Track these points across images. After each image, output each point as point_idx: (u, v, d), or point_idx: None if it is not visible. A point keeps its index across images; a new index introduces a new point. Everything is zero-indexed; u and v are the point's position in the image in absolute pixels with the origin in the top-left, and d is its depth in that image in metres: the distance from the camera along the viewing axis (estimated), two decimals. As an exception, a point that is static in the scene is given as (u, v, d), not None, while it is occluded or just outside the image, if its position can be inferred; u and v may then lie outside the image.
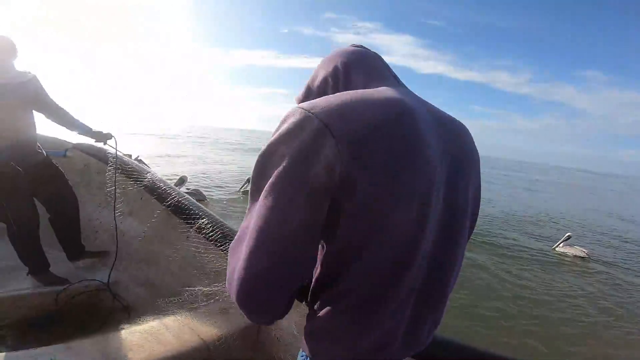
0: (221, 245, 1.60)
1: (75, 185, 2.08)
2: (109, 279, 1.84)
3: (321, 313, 0.56)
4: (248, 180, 8.33)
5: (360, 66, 0.66)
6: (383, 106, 0.51)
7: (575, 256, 7.41)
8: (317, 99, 0.53)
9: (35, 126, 1.77)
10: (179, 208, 1.79)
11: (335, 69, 0.66)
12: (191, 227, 1.72)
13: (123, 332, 1.29)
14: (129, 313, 1.76)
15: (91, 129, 1.89)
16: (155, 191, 1.92)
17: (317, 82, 0.68)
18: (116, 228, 1.92)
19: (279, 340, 1.46)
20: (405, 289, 0.55)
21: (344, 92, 0.56)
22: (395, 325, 0.57)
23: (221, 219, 1.73)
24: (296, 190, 0.47)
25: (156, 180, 1.98)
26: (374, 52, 0.70)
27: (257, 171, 0.51)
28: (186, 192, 8.19)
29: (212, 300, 1.57)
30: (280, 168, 0.48)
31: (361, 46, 0.72)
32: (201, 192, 8.36)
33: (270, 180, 0.48)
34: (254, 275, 0.49)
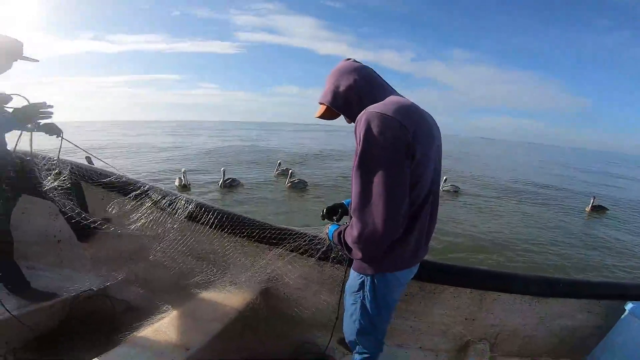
0: (212, 225, 1.68)
1: None
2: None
3: None
4: (279, 164, 10.93)
5: (372, 79, 1.05)
6: (417, 109, 0.97)
7: (447, 191, 10.20)
8: (380, 105, 0.93)
9: None
10: (153, 199, 1.76)
11: (356, 80, 1.03)
12: (171, 214, 1.73)
13: (162, 322, 1.40)
14: (135, 312, 1.78)
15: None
16: (121, 188, 1.83)
17: (342, 89, 1.04)
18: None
19: (287, 296, 1.77)
20: (429, 206, 1.03)
21: (391, 99, 0.97)
22: (422, 230, 1.05)
23: (197, 199, 1.79)
24: (401, 160, 0.88)
25: (113, 174, 1.88)
26: (370, 67, 1.08)
27: (366, 155, 0.89)
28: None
29: (223, 276, 1.74)
30: (388, 149, 0.87)
31: (355, 60, 1.10)
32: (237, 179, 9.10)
33: (382, 159, 0.87)
34: (396, 211, 0.89)
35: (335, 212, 1.34)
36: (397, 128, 0.87)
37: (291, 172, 9.61)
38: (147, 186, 1.83)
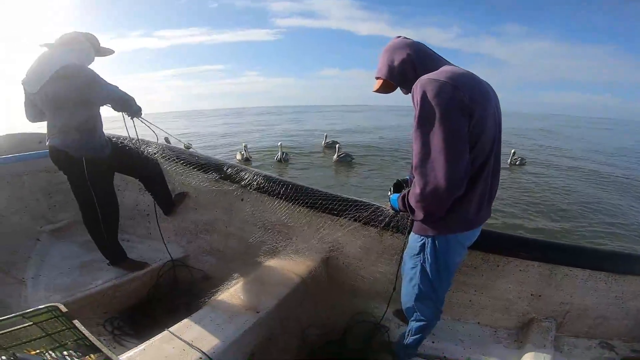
0: (278, 195, 1.81)
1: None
2: (170, 255, 2.04)
3: None
4: (326, 137, 11.99)
5: (424, 52, 1.09)
6: (470, 75, 1.01)
7: (515, 164, 9.78)
8: (433, 73, 0.98)
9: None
10: (224, 174, 1.94)
11: (409, 54, 1.07)
12: (242, 188, 1.89)
13: (236, 287, 1.55)
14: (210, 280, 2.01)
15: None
16: (194, 163, 2.03)
17: (396, 63, 1.09)
18: (155, 206, 2.07)
19: (346, 266, 1.85)
20: (490, 167, 1.05)
21: (444, 68, 1.01)
22: (484, 190, 1.07)
23: (264, 172, 1.94)
24: (457, 117, 0.92)
25: (191, 153, 2.12)
26: (421, 43, 1.12)
27: (424, 116, 0.94)
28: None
29: (288, 245, 1.87)
30: (443, 109, 0.91)
31: (406, 37, 1.14)
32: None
33: (440, 118, 0.91)
34: (457, 165, 0.92)
35: (402, 187, 1.37)
36: (450, 90, 0.93)
37: (338, 147, 9.75)
38: (220, 162, 2.01)
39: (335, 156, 9.37)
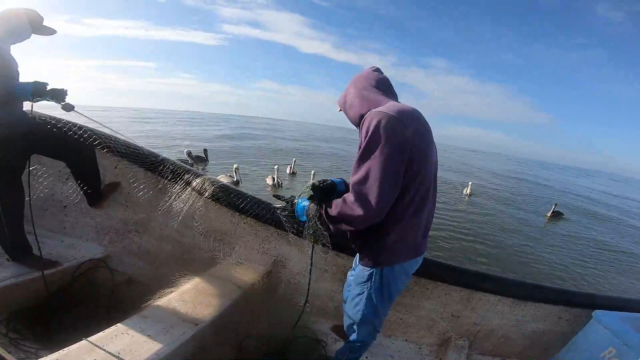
0: (223, 202, 1.74)
1: None
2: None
3: (392, 226, 1.08)
4: (294, 162, 10.73)
5: (380, 85, 1.17)
6: (417, 114, 1.08)
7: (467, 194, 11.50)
8: (384, 107, 1.05)
9: None
10: (168, 170, 1.80)
11: (365, 86, 1.16)
12: (186, 188, 1.76)
13: (171, 296, 1.44)
14: (133, 284, 1.82)
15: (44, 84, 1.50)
16: (134, 156, 1.85)
17: (350, 97, 1.17)
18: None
19: (288, 280, 1.84)
20: (431, 199, 1.15)
21: (393, 103, 1.09)
22: (427, 220, 1.17)
23: (215, 178, 1.84)
24: (399, 151, 0.98)
25: (131, 145, 1.91)
26: (385, 75, 1.20)
27: (370, 141, 0.98)
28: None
29: (230, 254, 1.81)
30: (387, 141, 0.97)
31: (378, 69, 1.22)
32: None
33: (382, 148, 0.97)
34: (386, 197, 0.98)
35: (319, 192, 1.24)
36: (396, 125, 0.99)
37: (314, 173, 8.66)
38: (165, 159, 1.84)
39: (313, 181, 8.39)
